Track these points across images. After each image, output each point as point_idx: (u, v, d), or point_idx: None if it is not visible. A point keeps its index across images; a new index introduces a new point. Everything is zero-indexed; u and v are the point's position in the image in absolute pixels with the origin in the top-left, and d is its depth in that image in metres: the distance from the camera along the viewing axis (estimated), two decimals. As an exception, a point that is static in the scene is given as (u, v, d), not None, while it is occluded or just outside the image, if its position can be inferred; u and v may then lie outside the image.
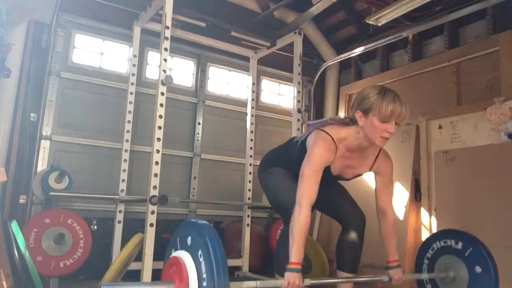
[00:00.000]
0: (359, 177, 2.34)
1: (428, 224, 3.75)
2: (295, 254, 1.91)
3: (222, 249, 1.44)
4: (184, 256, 1.53)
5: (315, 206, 2.21)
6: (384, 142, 1.98)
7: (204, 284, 1.42)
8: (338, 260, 2.36)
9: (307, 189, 1.98)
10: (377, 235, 3.67)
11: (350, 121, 2.08)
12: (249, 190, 4.29)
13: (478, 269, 2.25)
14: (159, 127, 3.07)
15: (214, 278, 1.38)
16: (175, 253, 1.60)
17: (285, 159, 2.33)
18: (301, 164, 2.04)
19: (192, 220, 1.62)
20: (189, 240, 1.54)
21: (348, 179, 2.28)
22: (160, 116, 3.08)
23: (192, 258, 1.50)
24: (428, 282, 2.45)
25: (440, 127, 3.86)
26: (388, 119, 1.92)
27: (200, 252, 1.46)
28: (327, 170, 2.08)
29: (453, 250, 2.36)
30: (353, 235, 2.30)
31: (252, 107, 4.47)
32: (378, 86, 2.04)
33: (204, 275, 1.43)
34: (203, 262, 1.44)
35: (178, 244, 1.62)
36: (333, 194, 2.38)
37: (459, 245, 2.34)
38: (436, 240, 2.47)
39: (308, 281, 1.94)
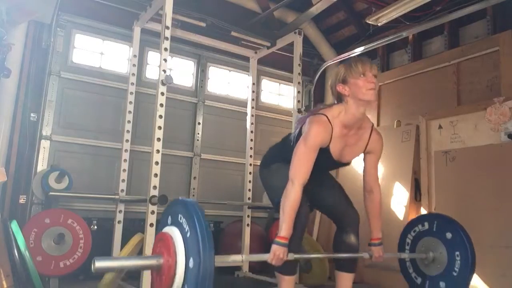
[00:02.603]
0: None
1: (428, 224, 3.74)
2: (285, 229, 1.98)
3: (207, 225, 1.51)
4: (173, 230, 1.59)
5: (313, 204, 2.29)
6: (373, 94, 2.06)
7: (191, 256, 1.48)
8: (337, 261, 2.38)
9: (300, 167, 2.03)
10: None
11: (338, 100, 2.17)
12: (249, 190, 4.28)
13: (448, 235, 2.34)
14: (159, 127, 3.07)
15: (200, 251, 1.44)
16: (164, 229, 1.66)
17: (284, 157, 2.32)
18: None
19: (181, 198, 1.69)
20: (177, 217, 1.60)
21: (347, 163, 2.29)
22: (160, 116, 3.07)
23: (180, 232, 1.56)
24: (411, 266, 2.52)
25: (440, 127, 3.86)
26: (364, 73, 2.06)
27: (187, 227, 1.52)
28: (327, 155, 2.12)
29: (424, 233, 2.47)
30: (349, 236, 2.32)
31: (252, 107, 4.46)
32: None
33: (191, 250, 1.49)
34: (189, 236, 1.50)
35: (168, 221, 1.67)
36: (330, 192, 2.40)
37: (426, 225, 2.47)
38: (409, 232, 2.56)
39: (292, 256, 2.02)
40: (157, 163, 3.03)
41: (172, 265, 1.51)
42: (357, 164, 4.05)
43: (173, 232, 1.58)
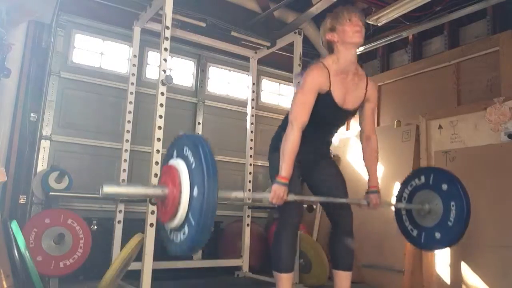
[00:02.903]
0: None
1: (428, 224, 3.74)
2: (285, 169, 2.06)
3: (213, 157, 1.53)
4: (178, 163, 1.62)
5: (315, 193, 2.37)
6: (359, 35, 2.18)
7: (195, 187, 1.51)
8: (333, 260, 2.40)
9: (299, 110, 2.13)
10: (375, 235, 3.68)
11: (329, 50, 2.29)
12: (249, 190, 4.28)
13: (444, 186, 2.37)
14: (159, 127, 3.07)
15: (204, 180, 1.47)
16: (170, 162, 1.69)
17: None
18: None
19: (186, 133, 1.72)
20: (183, 150, 1.63)
21: (352, 112, 2.33)
22: (160, 116, 3.08)
23: (186, 164, 1.59)
24: (407, 219, 2.53)
25: (440, 127, 3.86)
26: (350, 19, 2.19)
27: (192, 158, 1.55)
28: (330, 100, 2.18)
29: (421, 186, 2.50)
30: (344, 235, 2.35)
31: (252, 107, 4.46)
32: None
33: (196, 180, 1.51)
34: (194, 167, 1.53)
35: (174, 154, 1.70)
36: (333, 185, 2.41)
37: (422, 179, 2.49)
38: (406, 186, 2.59)
39: (292, 196, 2.07)
40: (157, 163, 3.03)
41: (177, 195, 1.55)
42: (358, 164, 4.05)
43: (178, 164, 1.61)
